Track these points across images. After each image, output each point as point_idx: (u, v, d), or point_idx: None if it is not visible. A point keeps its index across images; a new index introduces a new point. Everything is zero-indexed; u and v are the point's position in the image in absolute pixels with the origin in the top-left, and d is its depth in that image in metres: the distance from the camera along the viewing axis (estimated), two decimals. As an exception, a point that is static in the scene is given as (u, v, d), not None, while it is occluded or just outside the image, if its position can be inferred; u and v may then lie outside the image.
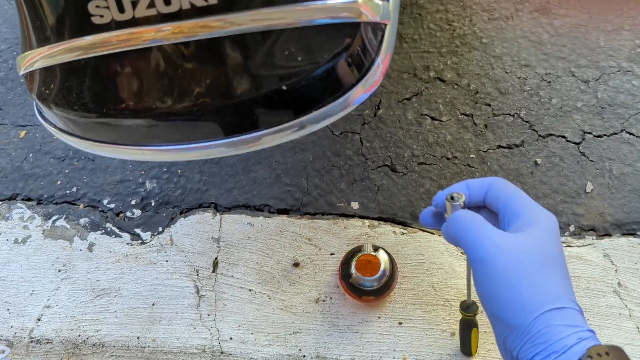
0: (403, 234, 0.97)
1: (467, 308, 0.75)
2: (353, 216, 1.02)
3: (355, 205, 1.03)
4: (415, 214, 1.01)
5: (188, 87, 0.53)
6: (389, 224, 0.99)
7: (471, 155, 1.06)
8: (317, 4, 0.47)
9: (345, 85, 0.51)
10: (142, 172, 1.13)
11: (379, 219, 1.01)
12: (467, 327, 0.79)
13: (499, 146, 1.06)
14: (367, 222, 1.00)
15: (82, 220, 1.08)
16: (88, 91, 0.58)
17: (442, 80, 1.15)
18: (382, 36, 0.50)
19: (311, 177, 1.07)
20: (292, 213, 1.04)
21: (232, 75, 0.51)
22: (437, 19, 1.24)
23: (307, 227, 1.01)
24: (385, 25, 0.50)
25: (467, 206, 0.55)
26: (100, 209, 1.10)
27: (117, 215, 1.09)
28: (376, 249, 0.88)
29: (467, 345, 0.81)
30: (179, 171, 1.12)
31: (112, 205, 1.10)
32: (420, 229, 0.98)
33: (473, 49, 1.19)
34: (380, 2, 0.49)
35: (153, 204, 1.09)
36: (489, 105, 1.11)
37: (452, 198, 0.53)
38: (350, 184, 1.06)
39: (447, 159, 1.06)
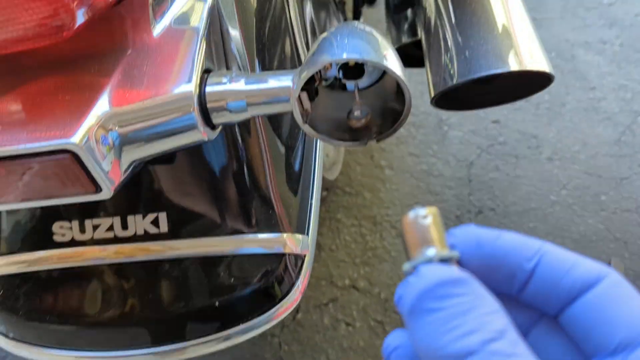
0: None
1: None
2: (269, 422, 1.03)
3: (271, 410, 1.05)
4: (330, 420, 1.04)
5: (125, 300, 0.59)
6: None
7: (382, 361, 1.13)
8: (250, 237, 0.58)
9: (269, 303, 0.60)
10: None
11: None
12: None
13: (407, 353, 1.15)
14: None
15: None
16: (25, 297, 0.63)
17: (356, 288, 1.27)
18: (302, 263, 0.61)
19: (229, 380, 1.09)
20: (208, 418, 1.03)
21: (168, 292, 0.59)
22: (352, 232, 1.41)
23: None
24: (305, 255, 0.61)
25: None
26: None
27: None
28: None
29: None
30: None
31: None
32: None
33: (383, 260, 1.34)
34: (301, 237, 0.61)
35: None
36: (398, 314, 1.22)
37: (423, 217, 0.26)
38: (267, 387, 1.08)
39: (361, 364, 1.13)
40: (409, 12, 1.04)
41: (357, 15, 1.37)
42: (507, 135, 1.67)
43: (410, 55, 1.05)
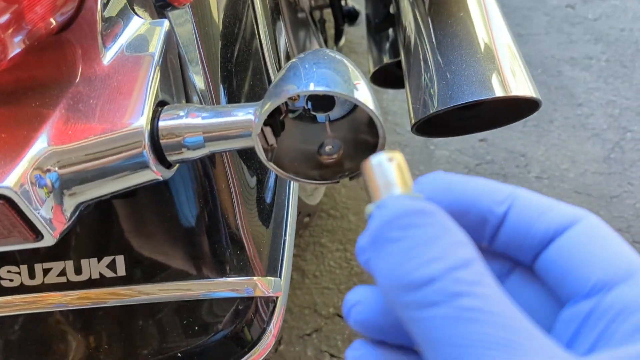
0: None
1: None
2: None
3: None
4: None
5: (81, 351, 0.54)
6: None
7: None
8: (218, 281, 0.53)
9: (240, 350, 0.55)
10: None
11: None
12: None
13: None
14: None
15: None
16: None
17: (341, 317, 1.22)
18: (274, 307, 0.56)
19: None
20: None
21: (127, 342, 0.54)
22: (337, 257, 1.36)
23: None
24: (277, 297, 0.56)
25: None
26: None
27: None
28: None
29: None
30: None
31: None
32: None
33: (369, 286, 1.29)
34: (273, 279, 0.56)
35: None
36: (385, 342, 1.17)
37: (388, 160, 0.25)
38: None
39: (346, 398, 1.08)
40: (390, 31, 1.01)
41: (338, 34, 1.34)
42: (495, 154, 1.64)
43: (393, 76, 1.01)
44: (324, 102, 0.44)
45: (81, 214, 0.44)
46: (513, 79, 0.58)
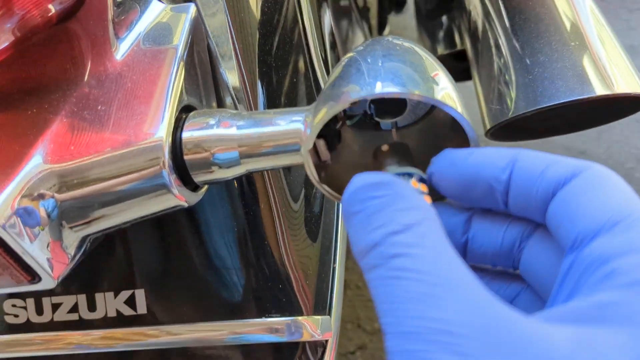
0: None
1: None
2: None
3: None
4: None
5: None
6: None
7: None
8: (257, 321, 0.44)
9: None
10: None
11: None
12: None
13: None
14: None
15: None
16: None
17: (387, 332, 1.12)
18: (324, 351, 0.47)
19: None
20: None
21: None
22: (380, 265, 1.26)
23: None
24: (327, 340, 0.47)
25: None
26: None
27: None
28: None
29: None
30: None
31: None
32: None
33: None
34: (321, 318, 0.46)
35: None
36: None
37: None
38: None
39: None
40: (445, 18, 0.90)
41: (382, 23, 1.23)
42: (552, 152, 1.50)
43: (448, 69, 0.90)
44: (392, 104, 0.34)
45: (89, 248, 0.35)
46: (616, 72, 0.47)
